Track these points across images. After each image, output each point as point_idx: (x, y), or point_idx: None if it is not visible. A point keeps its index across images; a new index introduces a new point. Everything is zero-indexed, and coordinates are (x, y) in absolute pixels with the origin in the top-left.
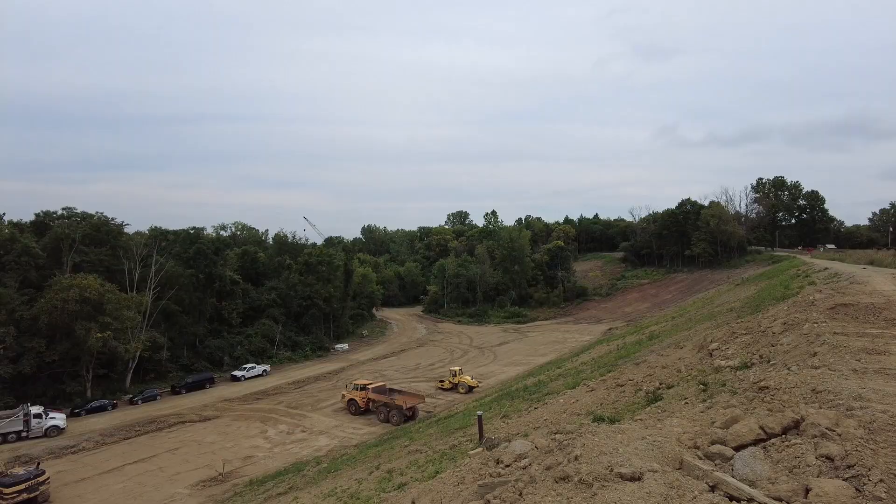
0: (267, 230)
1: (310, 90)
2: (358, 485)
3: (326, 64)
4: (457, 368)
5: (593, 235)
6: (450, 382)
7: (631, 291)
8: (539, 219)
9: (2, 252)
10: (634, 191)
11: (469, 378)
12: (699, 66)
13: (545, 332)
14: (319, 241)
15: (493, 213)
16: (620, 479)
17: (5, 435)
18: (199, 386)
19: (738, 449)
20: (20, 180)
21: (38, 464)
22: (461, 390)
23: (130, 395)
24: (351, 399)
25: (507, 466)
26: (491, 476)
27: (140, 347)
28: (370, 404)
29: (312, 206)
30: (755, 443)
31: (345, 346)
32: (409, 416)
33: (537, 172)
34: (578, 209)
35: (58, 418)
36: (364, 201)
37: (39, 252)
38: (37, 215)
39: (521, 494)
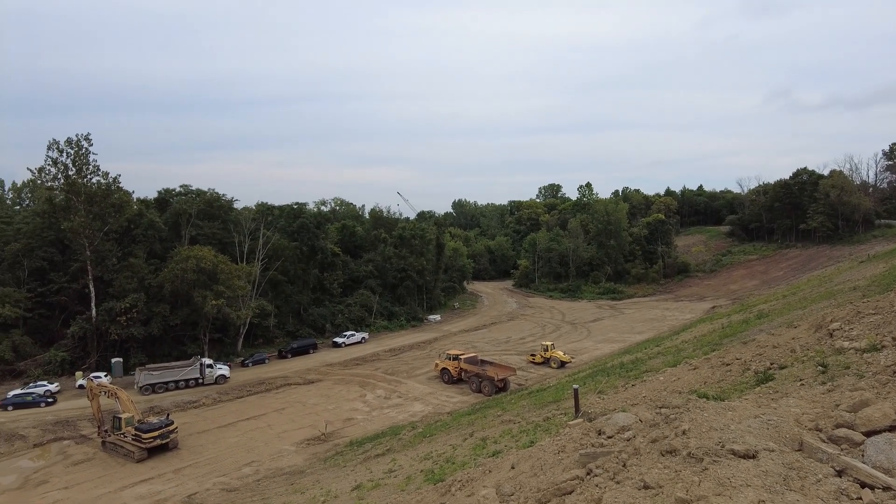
0: (363, 205)
1: (402, 66)
2: (453, 450)
3: (417, 39)
4: (549, 343)
5: (697, 208)
6: (541, 357)
7: (737, 268)
8: (637, 190)
9: (132, 226)
10: (742, 160)
11: (561, 353)
12: (820, 20)
13: (643, 309)
14: (412, 216)
15: (588, 185)
16: (733, 456)
17: (187, 381)
18: (303, 351)
19: (868, 434)
20: (145, 162)
21: (168, 415)
22: (553, 365)
23: (242, 358)
24: (444, 368)
25: (610, 438)
26: (593, 446)
27: (250, 314)
28: (462, 374)
29: (405, 182)
30: (890, 429)
31: (437, 317)
32: (501, 387)
33: (635, 142)
34: (680, 180)
35: (224, 369)
36: (455, 176)
37: (162, 226)
38: (159, 193)
39: (624, 465)
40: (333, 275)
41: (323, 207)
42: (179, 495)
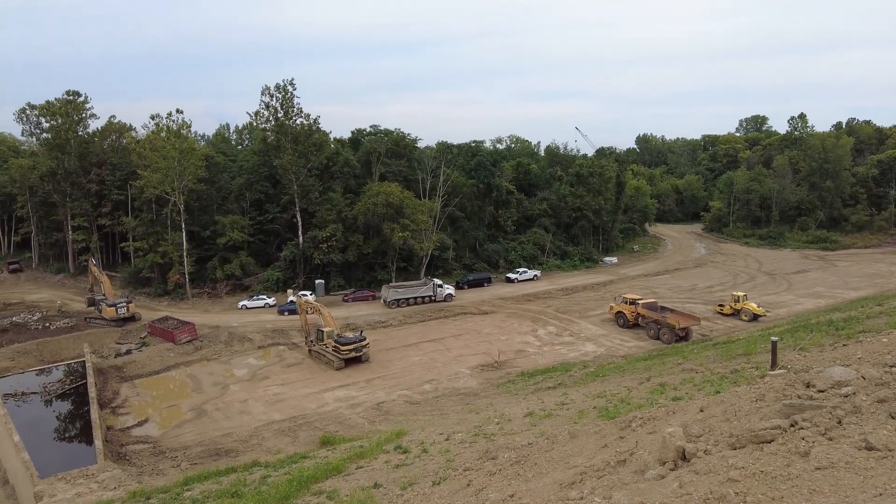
0: (539, 142)
1: None
2: (628, 392)
3: None
4: (740, 294)
5: None
6: (731, 308)
7: None
8: (868, 122)
9: (330, 163)
10: None
11: (754, 305)
12: None
13: (861, 262)
14: (591, 152)
15: (801, 116)
16: None
17: (423, 298)
18: (478, 283)
19: None
20: (338, 104)
21: (361, 331)
22: (744, 317)
23: None
24: (619, 312)
25: (821, 392)
26: (799, 398)
27: (431, 246)
28: (639, 319)
29: (584, 116)
30: None
31: (613, 259)
32: (682, 336)
33: (868, 62)
34: None
35: (450, 289)
36: (639, 108)
37: (356, 163)
38: (352, 133)
39: (840, 422)
40: (508, 212)
41: (499, 145)
42: (370, 402)
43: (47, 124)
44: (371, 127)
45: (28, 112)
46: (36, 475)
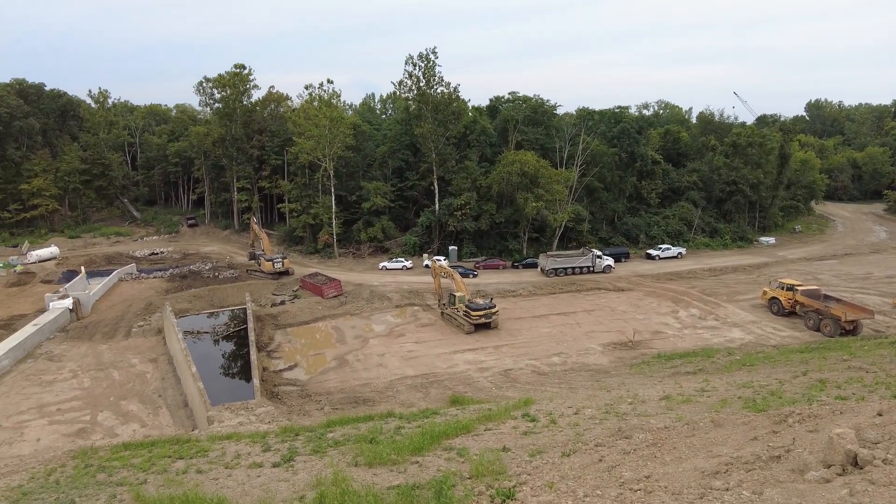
0: (691, 108)
1: None
2: (779, 385)
3: None
4: None
5: None
6: None
7: None
8: None
9: (468, 132)
10: None
11: None
12: None
13: None
14: (750, 120)
15: None
16: None
17: (581, 268)
18: (614, 258)
19: None
20: (473, 72)
21: (491, 299)
22: None
23: None
24: (774, 297)
25: None
26: None
27: (565, 218)
28: (797, 307)
29: (745, 81)
30: None
31: (771, 239)
32: (848, 329)
33: None
34: None
35: (609, 260)
36: (811, 70)
37: (492, 132)
38: (490, 101)
39: None
40: (652, 184)
41: (645, 111)
42: (498, 368)
43: (218, 95)
44: (509, 94)
45: (204, 84)
46: (208, 402)
